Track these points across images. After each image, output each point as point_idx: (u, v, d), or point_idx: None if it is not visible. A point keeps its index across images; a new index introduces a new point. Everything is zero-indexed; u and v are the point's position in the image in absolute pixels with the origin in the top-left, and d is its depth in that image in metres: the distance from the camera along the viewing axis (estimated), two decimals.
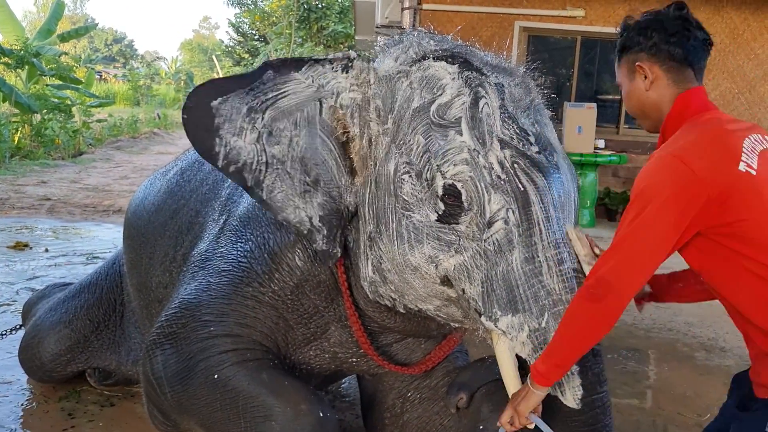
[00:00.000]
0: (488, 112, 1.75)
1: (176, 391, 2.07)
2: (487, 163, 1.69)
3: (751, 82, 8.23)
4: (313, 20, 23.28)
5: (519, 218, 1.67)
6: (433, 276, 1.77)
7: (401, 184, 1.78)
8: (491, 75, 1.82)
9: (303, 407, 1.93)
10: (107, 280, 3.19)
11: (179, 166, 2.80)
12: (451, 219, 1.72)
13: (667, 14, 1.71)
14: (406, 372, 2.27)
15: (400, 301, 1.90)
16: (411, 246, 1.77)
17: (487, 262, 1.69)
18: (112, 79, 32.40)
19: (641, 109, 1.76)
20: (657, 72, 1.70)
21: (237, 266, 2.11)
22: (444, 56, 1.84)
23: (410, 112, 1.80)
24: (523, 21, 8.25)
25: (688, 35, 1.68)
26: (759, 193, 1.53)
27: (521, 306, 1.66)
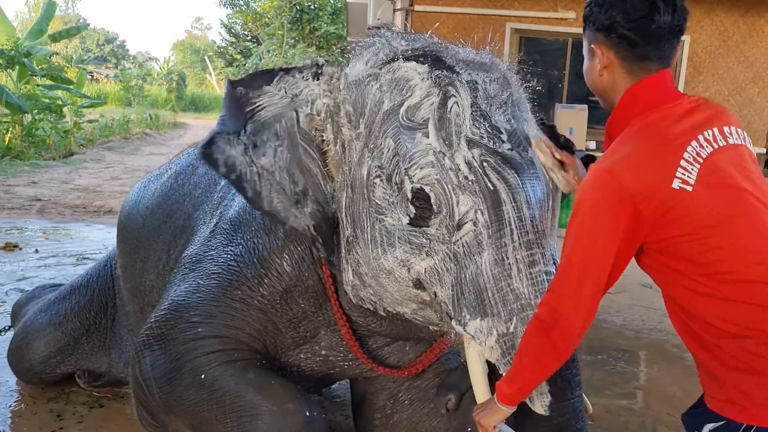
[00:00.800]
0: (457, 111, 1.72)
1: (164, 392, 2.07)
2: (454, 165, 1.67)
3: (741, 85, 8.27)
4: (305, 21, 23.26)
5: (489, 219, 1.64)
6: (406, 279, 1.76)
7: (373, 188, 1.77)
8: (464, 72, 1.79)
9: (290, 406, 1.93)
10: (98, 282, 3.18)
11: (173, 170, 2.79)
12: (421, 222, 1.70)
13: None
14: (397, 375, 2.27)
15: (380, 304, 1.91)
16: (384, 250, 1.77)
17: (457, 265, 1.67)
18: (104, 79, 32.25)
19: (596, 90, 1.65)
20: (611, 57, 1.56)
21: (227, 269, 2.11)
22: (414, 56, 1.81)
23: (381, 115, 1.78)
24: (514, 23, 8.27)
25: (650, 24, 1.50)
26: (694, 210, 1.41)
27: (490, 310, 1.63)
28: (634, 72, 1.55)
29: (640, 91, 1.55)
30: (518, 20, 8.26)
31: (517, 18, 8.25)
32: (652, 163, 1.43)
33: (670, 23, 1.52)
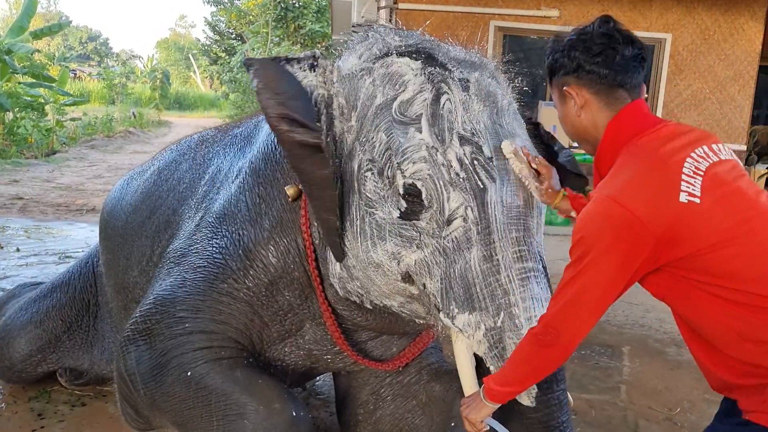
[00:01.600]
0: (450, 108, 1.74)
1: (149, 388, 2.06)
2: (446, 161, 1.69)
3: (722, 83, 8.35)
4: (290, 19, 23.17)
5: (478, 216, 1.67)
6: (395, 273, 1.78)
7: (364, 181, 1.78)
8: (456, 70, 1.82)
9: (276, 406, 1.93)
10: (80, 279, 3.15)
11: (156, 166, 2.78)
12: (412, 216, 1.72)
13: (591, 32, 1.59)
14: (380, 368, 2.27)
15: (367, 297, 1.92)
16: (374, 243, 1.78)
17: (446, 260, 1.69)
18: (87, 77, 31.95)
19: (577, 134, 1.65)
20: (585, 96, 1.58)
21: (212, 262, 2.10)
22: (408, 52, 1.84)
23: (373, 109, 1.80)
24: (498, 21, 8.29)
25: (614, 54, 1.55)
26: (707, 221, 1.40)
27: (478, 304, 1.66)
28: (611, 104, 1.58)
29: (622, 121, 1.56)
30: (502, 18, 8.29)
31: (501, 16, 8.27)
32: (653, 183, 1.42)
33: (632, 52, 1.57)
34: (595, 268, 1.42)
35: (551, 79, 1.66)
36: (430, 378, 2.33)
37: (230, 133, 2.56)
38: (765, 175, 8.98)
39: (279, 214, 2.08)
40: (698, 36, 8.28)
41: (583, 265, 1.43)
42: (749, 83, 8.33)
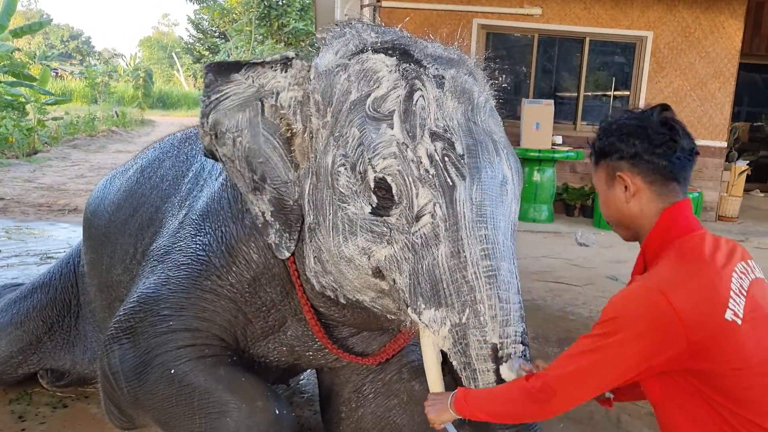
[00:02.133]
0: (423, 104, 1.74)
1: (132, 386, 2.06)
2: (416, 157, 1.69)
3: (703, 80, 8.43)
4: (273, 17, 23.07)
5: (446, 213, 1.67)
6: (366, 267, 1.79)
7: (337, 176, 1.79)
8: (431, 67, 1.82)
9: (259, 404, 1.93)
10: (61, 279, 3.13)
11: (139, 164, 2.77)
12: (383, 212, 1.73)
13: (652, 120, 1.57)
14: (361, 362, 2.28)
15: (340, 291, 1.94)
16: (345, 238, 1.79)
17: (415, 256, 1.70)
18: (69, 76, 31.61)
19: (619, 219, 1.65)
20: (639, 184, 1.57)
21: (196, 260, 2.11)
22: (383, 49, 1.85)
23: (348, 105, 1.81)
24: (481, 18, 8.33)
25: (674, 146, 1.54)
26: (741, 346, 1.40)
27: (444, 300, 1.66)
28: (662, 196, 1.57)
29: (677, 213, 1.56)
30: (485, 16, 8.32)
31: (484, 14, 8.31)
32: (704, 291, 1.42)
33: (689, 145, 1.57)
34: (619, 349, 1.41)
35: (599, 160, 1.65)
36: (410, 376, 2.34)
37: None
38: (745, 171, 9.09)
39: None
40: (679, 34, 8.36)
41: (608, 342, 1.42)
42: (729, 80, 8.42)
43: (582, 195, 8.32)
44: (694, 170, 5.33)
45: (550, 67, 9.17)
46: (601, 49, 8.91)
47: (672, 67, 8.42)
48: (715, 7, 8.25)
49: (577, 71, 8.79)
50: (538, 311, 4.74)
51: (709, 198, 8.45)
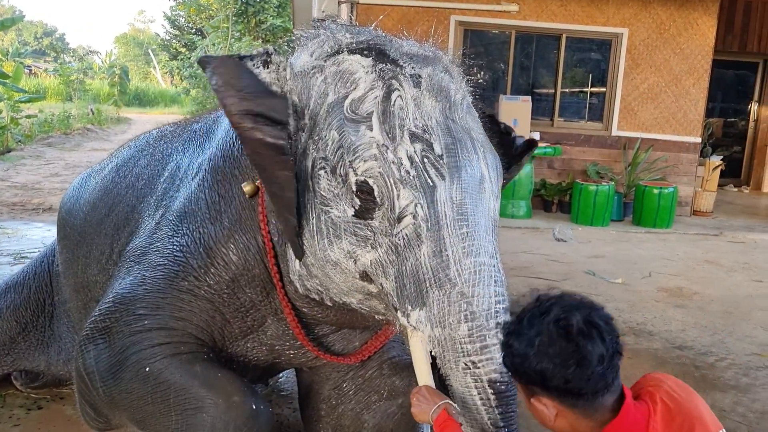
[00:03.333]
0: (401, 105, 1.74)
1: (108, 386, 2.04)
2: (396, 159, 1.70)
3: (677, 76, 8.52)
4: (250, 14, 22.93)
5: (427, 213, 1.67)
6: (353, 271, 1.79)
7: (318, 179, 1.79)
8: (407, 66, 1.82)
9: (235, 399, 1.92)
10: (35, 279, 3.09)
11: (114, 163, 2.74)
12: (366, 214, 1.73)
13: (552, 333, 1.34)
14: (342, 362, 2.28)
15: (326, 294, 1.93)
16: (330, 241, 1.79)
17: (399, 258, 1.70)
18: (43, 73, 31.19)
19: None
20: (559, 407, 1.40)
21: (173, 260, 2.09)
22: (358, 49, 1.84)
23: (325, 108, 1.80)
24: (458, 15, 8.34)
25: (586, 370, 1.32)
26: None
27: (428, 300, 1.66)
28: (590, 415, 1.40)
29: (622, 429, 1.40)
30: (462, 13, 8.34)
31: (461, 11, 8.33)
32: None
33: (605, 355, 1.34)
34: None
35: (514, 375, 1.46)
36: (391, 372, 2.34)
37: (189, 128, 2.54)
38: (719, 166, 9.21)
39: (238, 211, 2.08)
40: (654, 31, 8.44)
41: None
42: (703, 77, 8.52)
43: (560, 191, 8.38)
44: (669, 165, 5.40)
45: (528, 63, 9.21)
46: (578, 46, 8.98)
47: (647, 63, 8.50)
48: (688, 4, 8.34)
49: (554, 68, 8.85)
50: (517, 307, 4.76)
51: (684, 193, 8.55)
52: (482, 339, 1.62)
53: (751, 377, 3.76)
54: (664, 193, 7.80)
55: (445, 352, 1.66)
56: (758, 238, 7.68)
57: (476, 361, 1.62)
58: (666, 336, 4.34)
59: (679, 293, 5.37)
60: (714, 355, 4.06)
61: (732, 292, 5.50)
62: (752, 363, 3.97)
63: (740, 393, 3.54)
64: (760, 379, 3.74)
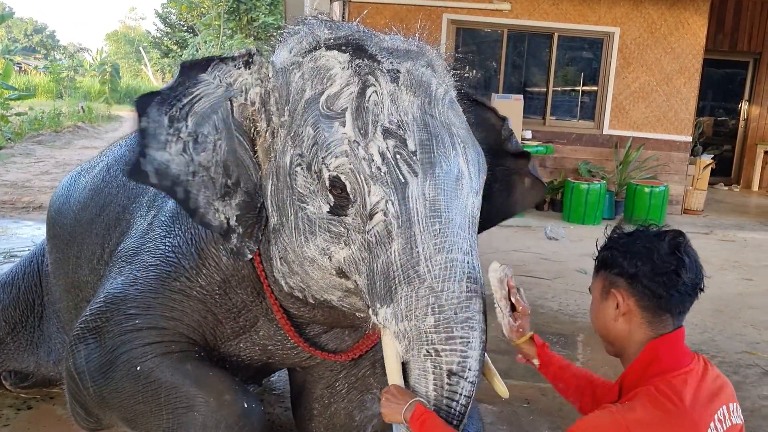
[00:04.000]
0: (376, 100, 1.73)
1: (98, 385, 2.04)
2: (368, 155, 1.68)
3: (668, 75, 8.55)
4: (242, 11, 22.89)
5: (398, 210, 1.65)
6: (329, 268, 1.79)
7: (295, 176, 1.78)
8: (386, 61, 1.80)
9: (227, 397, 1.92)
10: (24, 279, 3.07)
11: (105, 162, 2.72)
12: (340, 211, 1.72)
13: (661, 245, 1.52)
14: (333, 359, 2.27)
15: (308, 291, 1.92)
16: (306, 238, 1.79)
17: (371, 255, 1.69)
18: (33, 70, 31.00)
19: (605, 334, 1.62)
20: (632, 306, 1.54)
21: (165, 261, 2.09)
22: (336, 45, 1.83)
23: (303, 104, 1.80)
24: (450, 14, 8.34)
25: (676, 280, 1.49)
26: None
27: (397, 297, 1.64)
28: (653, 324, 1.54)
29: (662, 349, 1.53)
30: (454, 11, 8.35)
31: (454, 9, 8.33)
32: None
33: (693, 280, 1.52)
34: None
35: (599, 269, 1.62)
36: (383, 371, 2.33)
37: None
38: (710, 165, 9.25)
39: None
40: (645, 30, 8.47)
41: None
42: (694, 76, 8.56)
43: (552, 189, 8.40)
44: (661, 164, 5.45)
45: (520, 62, 9.23)
46: (570, 45, 9.00)
47: (639, 62, 8.53)
48: (679, 3, 8.37)
49: (546, 66, 8.86)
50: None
51: (674, 191, 8.59)
52: (449, 330, 1.59)
53: (741, 375, 3.78)
54: (655, 191, 7.83)
55: (411, 342, 1.63)
56: (748, 237, 7.72)
57: (439, 349, 1.60)
58: None
59: None
60: (704, 353, 4.02)
61: (722, 290, 5.53)
62: (742, 361, 4.00)
63: None
64: (750, 377, 3.76)
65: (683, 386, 1.47)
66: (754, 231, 7.95)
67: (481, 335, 1.63)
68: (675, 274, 1.50)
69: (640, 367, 1.54)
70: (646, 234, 1.57)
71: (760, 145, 11.17)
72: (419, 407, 1.59)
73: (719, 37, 10.76)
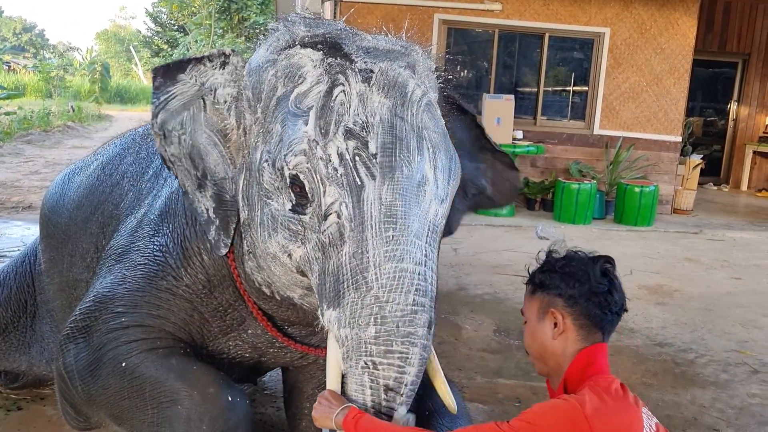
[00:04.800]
0: (342, 100, 1.71)
1: (86, 383, 2.05)
2: (325, 155, 1.66)
3: (658, 76, 8.60)
4: (233, 11, 22.81)
5: (352, 213, 1.63)
6: (289, 265, 1.80)
7: (262, 172, 1.79)
8: (360, 60, 1.77)
9: (211, 391, 1.93)
10: (16, 279, 3.05)
11: (99, 161, 2.72)
12: (300, 209, 1.72)
13: (594, 269, 1.65)
14: (313, 353, 2.26)
15: (274, 287, 1.94)
16: (269, 234, 1.80)
17: (324, 255, 1.68)
18: (22, 69, 30.79)
19: (540, 353, 1.70)
20: (569, 324, 1.65)
21: (152, 260, 2.11)
22: (311, 43, 1.82)
23: (274, 101, 1.81)
24: (442, 14, 8.35)
25: (610, 300, 1.64)
26: None
27: (343, 301, 1.63)
28: (586, 339, 1.66)
29: (595, 355, 1.65)
30: (446, 11, 8.36)
31: (445, 9, 8.34)
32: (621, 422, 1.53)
33: (621, 301, 1.68)
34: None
35: (536, 291, 1.71)
36: None
37: None
38: (699, 165, 9.31)
39: None
40: (635, 30, 8.51)
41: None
42: (684, 76, 8.61)
43: (542, 189, 8.43)
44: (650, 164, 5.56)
45: (511, 62, 9.25)
46: (561, 45, 9.03)
47: (629, 63, 8.57)
48: (669, 4, 8.41)
49: (537, 67, 8.89)
50: (499, 304, 4.80)
51: (664, 191, 8.64)
52: (388, 344, 1.57)
53: (730, 373, 3.81)
54: (645, 191, 7.87)
55: (349, 351, 1.62)
56: (737, 236, 7.77)
57: (377, 362, 1.58)
58: (647, 333, 4.38)
59: (660, 291, 5.42)
60: (694, 352, 4.11)
61: (712, 289, 5.57)
62: (731, 359, 4.03)
63: (719, 389, 3.58)
64: (738, 376, 3.79)
65: (618, 384, 1.60)
66: (742, 230, 8.00)
67: (422, 351, 1.60)
68: (609, 294, 1.64)
69: (577, 370, 1.64)
70: (580, 258, 1.69)
71: (749, 146, 11.26)
72: (353, 409, 1.57)
73: (708, 38, 10.82)
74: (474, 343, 3.92)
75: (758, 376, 3.79)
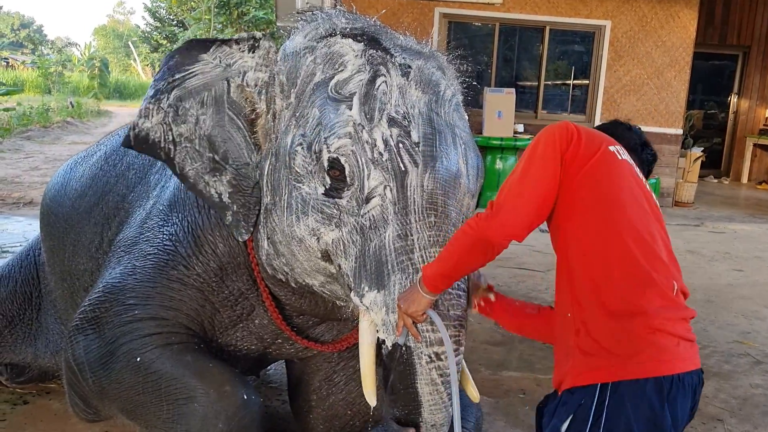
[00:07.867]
0: (384, 90, 1.77)
1: (98, 376, 2.04)
2: (371, 139, 1.71)
3: (659, 69, 8.59)
4: (233, 6, 22.73)
5: (396, 196, 1.68)
6: (315, 249, 1.81)
7: (294, 155, 1.81)
8: (398, 56, 1.84)
9: (227, 389, 1.94)
10: (21, 271, 3.06)
11: (103, 151, 2.73)
12: (335, 193, 1.74)
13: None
14: (321, 349, 2.28)
15: (291, 274, 1.95)
16: (297, 217, 1.81)
17: (363, 238, 1.71)
18: (20, 65, 30.76)
19: None
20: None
21: (162, 250, 2.11)
22: (352, 34, 1.87)
23: (311, 86, 1.83)
24: (443, 7, 8.34)
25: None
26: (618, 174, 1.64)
27: (388, 283, 1.66)
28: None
29: None
30: (446, 5, 8.34)
31: (446, 3, 8.33)
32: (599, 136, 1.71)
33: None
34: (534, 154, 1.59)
35: None
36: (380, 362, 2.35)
37: None
38: (700, 157, 9.31)
39: None
40: (636, 23, 8.49)
41: (535, 154, 1.59)
42: (685, 69, 8.60)
43: None
44: None
45: (511, 56, 9.24)
46: (561, 39, 9.01)
47: (630, 56, 8.56)
48: None
49: (538, 60, 8.88)
50: None
51: (666, 184, 8.64)
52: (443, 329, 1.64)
53: (733, 364, 3.83)
54: None
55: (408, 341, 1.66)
56: (738, 228, 7.78)
57: (440, 352, 1.64)
58: None
59: None
60: (696, 343, 4.11)
61: (713, 281, 5.58)
62: (734, 350, 4.04)
63: (722, 380, 3.59)
64: (741, 366, 3.80)
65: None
66: (743, 223, 8.01)
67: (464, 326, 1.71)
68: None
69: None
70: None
71: (749, 138, 11.26)
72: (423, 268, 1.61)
73: (709, 31, 10.81)
74: (478, 335, 3.93)
75: (761, 367, 3.80)
